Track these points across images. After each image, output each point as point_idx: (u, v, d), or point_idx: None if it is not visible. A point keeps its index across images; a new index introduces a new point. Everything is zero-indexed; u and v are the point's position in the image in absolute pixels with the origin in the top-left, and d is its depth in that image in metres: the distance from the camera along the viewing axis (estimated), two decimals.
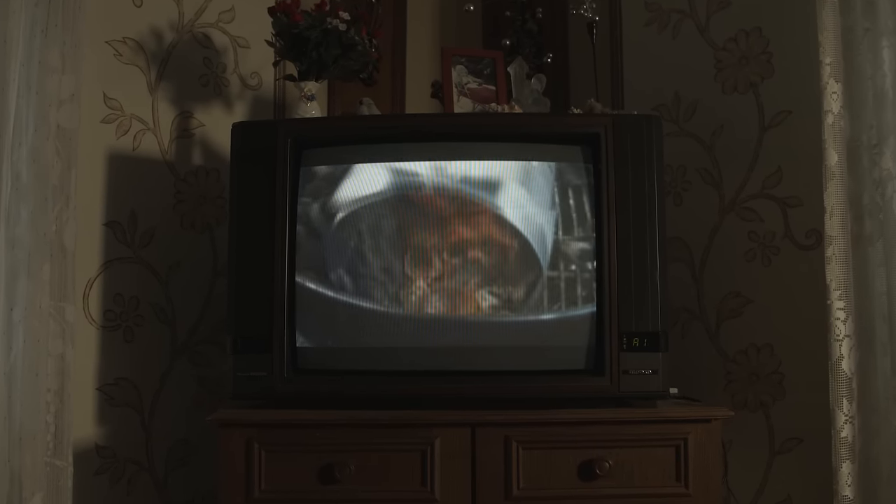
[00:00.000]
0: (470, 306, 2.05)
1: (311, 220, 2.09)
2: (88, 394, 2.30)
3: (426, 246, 2.06)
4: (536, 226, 2.07)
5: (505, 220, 2.07)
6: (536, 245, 2.06)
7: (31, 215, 2.04)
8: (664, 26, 2.67)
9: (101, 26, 2.36)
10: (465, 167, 2.08)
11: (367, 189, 2.09)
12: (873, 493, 2.14)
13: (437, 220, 2.07)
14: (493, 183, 2.08)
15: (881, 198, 2.16)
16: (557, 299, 2.05)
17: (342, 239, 2.08)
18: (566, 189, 2.08)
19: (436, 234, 2.07)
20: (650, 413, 2.00)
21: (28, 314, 2.02)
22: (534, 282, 2.05)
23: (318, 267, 2.08)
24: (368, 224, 2.08)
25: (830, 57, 2.19)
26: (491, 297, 2.05)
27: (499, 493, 1.95)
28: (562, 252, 2.06)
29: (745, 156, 2.50)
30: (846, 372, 2.14)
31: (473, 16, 2.89)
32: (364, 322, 2.06)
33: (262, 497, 1.95)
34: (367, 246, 2.07)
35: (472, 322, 2.05)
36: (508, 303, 2.05)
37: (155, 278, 2.45)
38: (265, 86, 2.71)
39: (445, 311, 2.05)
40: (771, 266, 2.44)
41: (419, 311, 2.05)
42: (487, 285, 2.05)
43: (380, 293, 2.06)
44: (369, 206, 2.09)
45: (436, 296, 2.05)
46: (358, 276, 2.07)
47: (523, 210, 2.07)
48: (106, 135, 2.39)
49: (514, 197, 2.07)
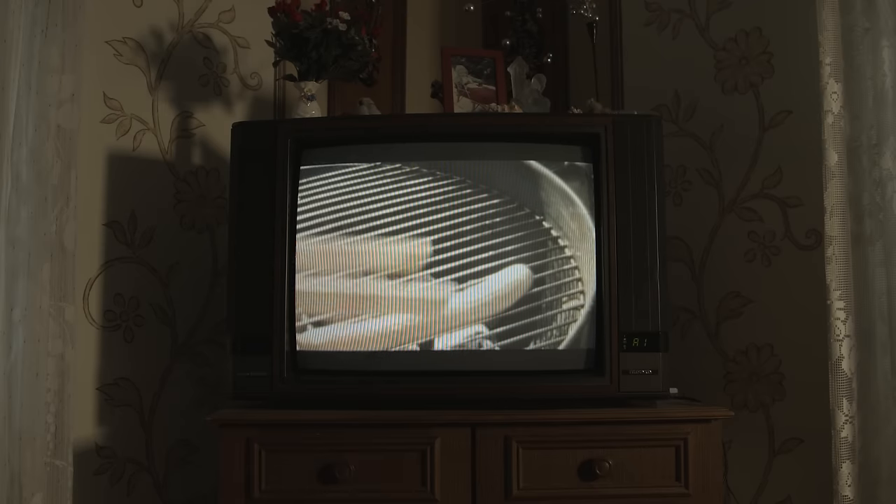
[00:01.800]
0: (470, 306, 2.05)
1: (311, 219, 2.09)
2: (88, 394, 2.30)
3: (426, 245, 2.06)
4: (536, 226, 2.07)
5: (505, 219, 2.07)
6: (536, 245, 2.06)
7: (31, 215, 2.04)
8: (664, 26, 2.67)
9: (101, 26, 2.36)
10: (465, 167, 2.08)
11: (367, 189, 2.09)
12: (873, 493, 2.14)
13: (437, 219, 2.07)
14: (493, 183, 2.08)
15: (881, 198, 2.17)
16: (557, 299, 2.05)
17: (342, 238, 2.08)
18: (566, 189, 2.08)
19: (436, 234, 2.07)
20: (650, 413, 2.00)
21: (28, 314, 2.02)
22: (534, 281, 2.05)
23: (318, 267, 2.08)
24: (368, 224, 2.08)
25: (830, 57, 2.19)
26: (490, 297, 2.05)
27: (499, 493, 1.95)
28: (562, 252, 2.06)
29: (745, 156, 2.50)
30: (846, 372, 2.14)
31: (473, 16, 2.89)
32: (365, 322, 2.06)
33: (262, 497, 1.95)
34: (367, 245, 2.07)
35: (473, 322, 2.05)
36: (508, 302, 2.05)
37: (155, 278, 2.45)
38: (265, 86, 2.71)
39: (446, 311, 2.05)
40: (771, 266, 2.44)
41: (419, 311, 2.05)
42: (487, 284, 2.05)
43: (380, 293, 2.06)
44: (369, 206, 2.09)
45: (436, 295, 2.05)
46: (358, 276, 2.07)
47: (523, 210, 2.07)
48: (106, 135, 2.39)
49: (514, 197, 2.07)
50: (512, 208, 2.07)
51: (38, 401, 2.03)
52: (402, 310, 2.05)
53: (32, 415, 2.02)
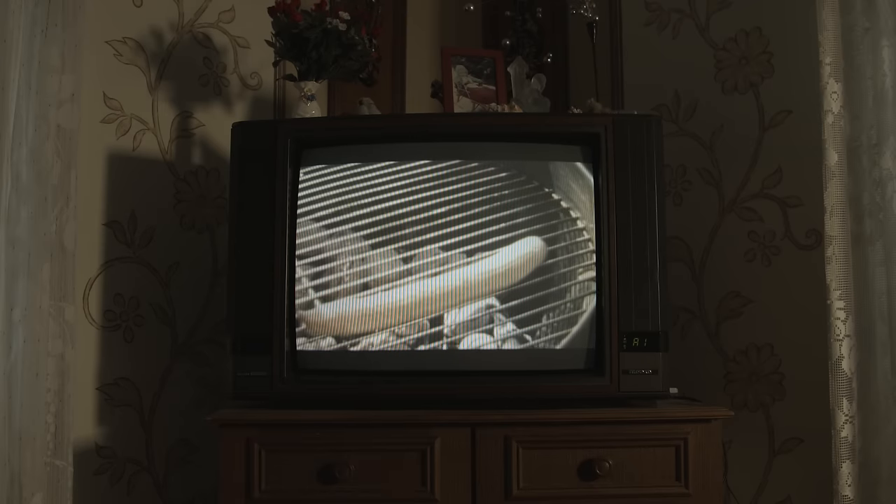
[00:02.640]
0: (470, 305, 2.05)
1: (311, 219, 2.09)
2: (88, 394, 2.30)
3: (426, 246, 2.06)
4: (536, 226, 2.07)
5: (505, 219, 2.07)
6: (536, 245, 2.06)
7: (31, 215, 2.04)
8: (664, 26, 2.67)
9: (101, 26, 2.36)
10: (465, 167, 2.09)
11: (367, 189, 2.09)
12: (873, 493, 2.14)
13: (437, 219, 2.07)
14: (493, 182, 2.08)
15: (881, 198, 2.16)
16: (557, 299, 2.05)
17: (342, 238, 2.08)
18: (566, 189, 2.08)
19: (436, 234, 2.07)
20: (650, 413, 2.00)
21: (28, 314, 2.02)
22: (533, 281, 2.05)
23: (318, 267, 2.08)
24: (368, 223, 2.08)
25: (830, 57, 2.19)
26: (491, 297, 2.05)
27: (499, 492, 1.95)
28: (561, 252, 2.06)
29: (745, 155, 2.50)
30: (846, 372, 2.14)
31: (473, 16, 2.89)
32: (364, 322, 2.06)
33: (262, 497, 1.95)
34: (367, 245, 2.07)
35: (473, 321, 2.05)
36: (508, 302, 2.05)
37: (155, 278, 2.45)
38: (265, 86, 2.71)
39: (445, 311, 2.05)
40: (771, 266, 2.44)
41: (419, 311, 2.05)
42: (487, 284, 2.05)
43: (380, 292, 2.06)
44: (369, 206, 2.09)
45: (436, 294, 2.05)
46: (358, 276, 2.07)
47: (523, 209, 2.07)
48: (106, 135, 2.39)
49: (513, 196, 2.08)
50: (512, 208, 2.07)
51: (38, 401, 2.03)
52: (401, 309, 2.05)
53: (32, 415, 2.02)
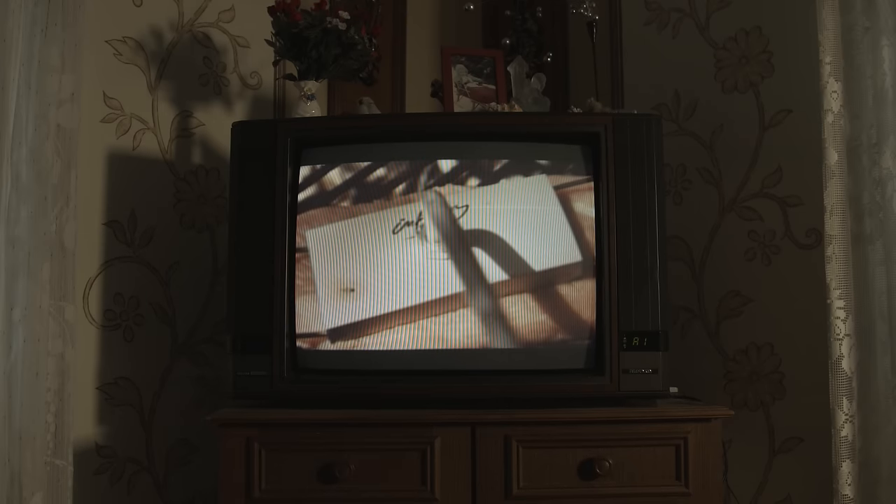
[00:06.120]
0: (470, 305, 2.05)
1: (311, 219, 2.09)
2: (88, 393, 2.30)
3: (426, 244, 2.06)
4: (537, 225, 2.06)
5: (505, 218, 2.07)
6: (536, 244, 2.06)
7: (30, 215, 2.04)
8: (664, 25, 2.67)
9: (100, 26, 2.36)
10: (465, 166, 2.09)
11: (367, 188, 2.09)
12: (873, 493, 2.14)
13: (437, 218, 2.07)
14: (493, 182, 2.08)
15: (881, 197, 2.16)
16: (557, 298, 2.05)
17: (342, 238, 2.08)
18: (566, 188, 2.08)
19: (436, 233, 2.07)
20: (650, 412, 2.00)
21: (28, 314, 2.02)
22: (533, 280, 2.05)
23: (319, 266, 2.08)
24: (368, 223, 2.08)
25: (830, 56, 2.19)
26: (491, 296, 2.05)
27: (499, 492, 1.95)
28: (561, 251, 2.06)
29: (745, 155, 2.50)
30: (846, 371, 2.14)
31: (473, 15, 2.89)
32: (364, 321, 2.06)
33: (262, 497, 1.95)
34: (368, 245, 2.07)
35: (473, 321, 2.05)
36: (508, 301, 2.05)
37: (155, 278, 2.45)
38: (265, 85, 2.71)
39: (445, 310, 2.05)
40: (771, 265, 2.44)
41: (420, 311, 2.05)
42: (487, 284, 2.05)
43: (380, 292, 2.06)
44: (369, 206, 2.09)
45: (436, 294, 2.05)
46: (358, 275, 2.07)
47: (523, 209, 2.07)
48: (106, 134, 2.39)
49: (514, 196, 2.08)
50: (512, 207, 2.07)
51: (38, 400, 2.03)
52: (402, 309, 2.05)
53: (32, 414, 2.02)
